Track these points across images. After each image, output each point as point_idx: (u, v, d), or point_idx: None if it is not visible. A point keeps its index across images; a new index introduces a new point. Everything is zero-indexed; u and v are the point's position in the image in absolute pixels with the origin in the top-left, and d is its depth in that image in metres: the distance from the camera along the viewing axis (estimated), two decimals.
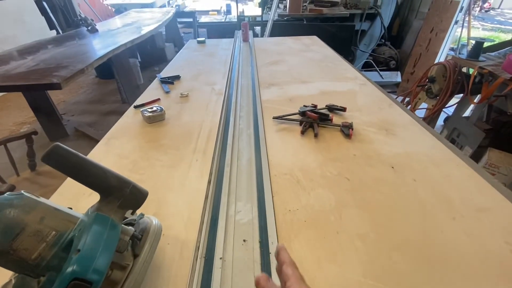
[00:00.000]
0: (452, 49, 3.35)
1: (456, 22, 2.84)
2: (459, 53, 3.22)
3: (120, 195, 0.32)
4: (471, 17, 3.11)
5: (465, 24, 3.12)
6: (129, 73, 2.97)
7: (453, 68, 1.78)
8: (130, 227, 0.36)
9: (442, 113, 2.18)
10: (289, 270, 0.27)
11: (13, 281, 0.32)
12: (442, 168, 0.66)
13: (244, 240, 0.49)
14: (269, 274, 0.43)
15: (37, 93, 2.15)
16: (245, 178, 0.65)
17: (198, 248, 0.47)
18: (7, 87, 1.48)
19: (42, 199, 0.32)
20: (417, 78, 2.39)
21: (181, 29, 5.09)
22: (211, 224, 0.52)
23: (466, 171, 0.65)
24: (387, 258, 0.46)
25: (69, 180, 0.66)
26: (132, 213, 0.35)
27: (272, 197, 0.59)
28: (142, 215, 0.40)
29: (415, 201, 0.57)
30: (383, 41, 3.48)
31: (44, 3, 3.99)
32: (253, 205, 0.57)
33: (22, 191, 0.31)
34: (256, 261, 0.45)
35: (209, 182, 0.63)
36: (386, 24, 3.33)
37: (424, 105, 2.16)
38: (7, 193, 0.30)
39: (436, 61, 2.87)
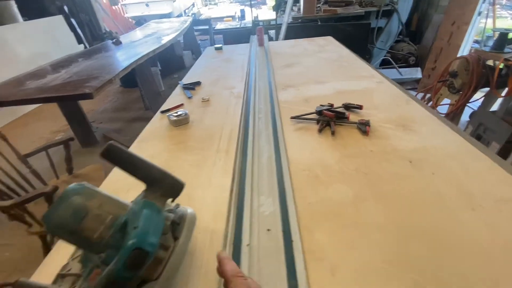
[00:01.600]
0: (476, 41, 3.21)
1: (480, 14, 2.73)
2: (485, 45, 3.08)
3: (162, 185, 0.38)
4: (498, 6, 2.97)
5: (491, 14, 2.98)
6: (151, 81, 3.12)
7: (476, 62, 1.72)
8: (170, 214, 0.41)
9: (467, 108, 2.10)
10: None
11: (77, 258, 0.39)
12: (461, 161, 0.67)
13: (268, 230, 0.53)
14: (291, 259, 0.47)
15: (70, 103, 2.33)
16: (266, 175, 0.69)
17: (226, 237, 0.52)
18: (47, 99, 1.64)
19: (98, 189, 0.38)
20: (439, 73, 2.33)
21: (197, 36, 5.27)
22: (237, 216, 0.57)
23: (486, 163, 0.66)
24: (404, 246, 0.48)
25: (107, 181, 0.74)
26: (172, 201, 0.40)
27: (293, 191, 0.62)
28: (178, 205, 0.45)
29: (433, 194, 0.59)
30: (401, 37, 3.41)
31: (72, 20, 4.30)
32: (275, 199, 0.61)
33: (84, 182, 0.37)
34: (280, 247, 0.49)
35: (232, 179, 0.68)
36: (404, 20, 3.26)
37: (446, 101, 2.10)
38: (73, 183, 0.37)
39: (459, 55, 2.77)
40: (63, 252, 0.52)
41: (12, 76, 2.15)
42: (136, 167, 0.37)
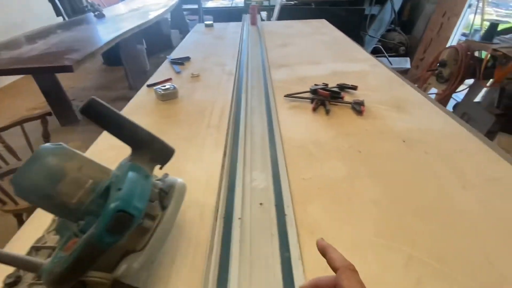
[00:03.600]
0: (464, 34, 3.26)
1: (470, 6, 2.76)
2: (472, 38, 3.14)
3: (150, 149, 0.34)
4: (485, 3, 3.00)
5: (478, 10, 3.02)
6: (136, 59, 2.97)
7: (465, 52, 1.74)
8: (158, 181, 0.38)
9: (451, 100, 2.15)
10: (345, 281, 0.23)
11: (53, 231, 0.35)
12: (453, 142, 0.67)
13: (261, 204, 0.51)
14: (285, 234, 0.45)
15: (48, 77, 2.17)
16: (259, 150, 0.66)
17: (218, 210, 0.50)
18: (21, 70, 1.51)
19: (78, 151, 0.34)
20: (427, 64, 2.35)
21: (186, 16, 5.03)
22: (229, 190, 0.54)
23: (478, 144, 0.66)
24: (398, 221, 0.48)
25: (90, 151, 0.69)
26: (161, 168, 0.37)
27: (286, 167, 0.60)
28: (166, 174, 0.42)
29: (426, 171, 0.58)
30: (393, 26, 3.40)
31: None
32: (268, 174, 0.59)
33: (61, 143, 0.33)
34: (273, 220, 0.47)
35: (224, 154, 0.65)
36: (397, 8, 3.24)
37: (433, 90, 2.13)
38: (48, 143, 0.32)
39: (447, 46, 2.80)
40: (37, 225, 0.48)
41: None
42: (122, 127, 0.33)
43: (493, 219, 0.48)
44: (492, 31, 1.61)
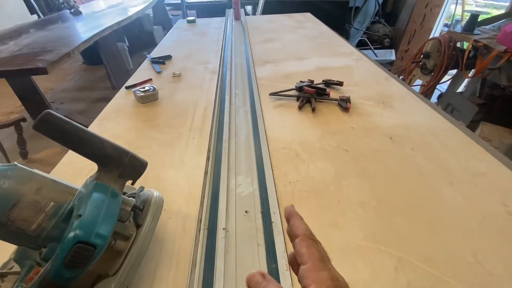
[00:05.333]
0: (446, 25, 3.31)
1: None
2: (453, 29, 3.19)
3: (119, 164, 0.31)
4: None
5: (459, 1, 3.06)
6: (118, 58, 2.87)
7: (448, 43, 1.76)
8: (131, 198, 0.35)
9: (436, 90, 2.18)
10: (304, 249, 0.21)
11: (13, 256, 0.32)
12: (439, 137, 0.67)
13: (246, 211, 0.49)
14: (272, 243, 0.43)
15: (23, 80, 2.06)
16: (244, 154, 0.64)
17: (201, 220, 0.47)
18: None
19: (37, 171, 0.31)
20: (411, 56, 2.37)
21: (169, 11, 4.89)
22: (213, 198, 0.52)
23: (463, 139, 0.66)
24: (386, 222, 0.47)
25: (64, 161, 0.65)
26: (133, 183, 0.34)
27: (272, 170, 0.58)
28: (142, 188, 0.39)
29: (413, 169, 0.58)
30: (378, 18, 3.42)
31: None
32: (253, 178, 0.57)
33: (16, 163, 0.30)
34: (259, 229, 0.45)
35: (207, 158, 0.63)
36: (381, 0, 3.25)
37: (418, 82, 2.16)
38: (0, 164, 0.29)
39: (430, 37, 2.84)
40: (4, 248, 0.44)
41: None
42: (84, 143, 0.30)
43: (478, 215, 0.48)
44: (473, 22, 1.63)
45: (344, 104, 0.79)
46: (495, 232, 0.45)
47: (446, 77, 1.99)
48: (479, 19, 1.79)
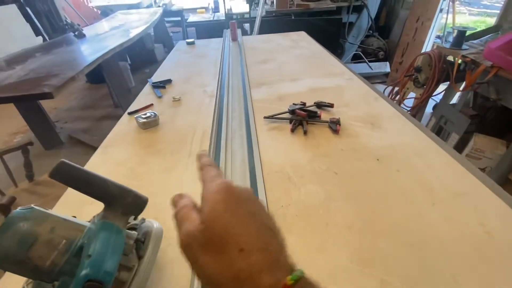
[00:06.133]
0: (438, 36, 3.40)
1: (441, 10, 2.89)
2: (445, 41, 3.27)
3: (122, 203, 0.35)
4: (457, 2, 3.15)
5: (451, 10, 3.16)
6: (120, 77, 2.96)
7: (438, 57, 1.83)
8: (133, 232, 0.39)
9: (431, 100, 2.23)
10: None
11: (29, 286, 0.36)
12: (423, 157, 0.70)
13: None
14: None
15: (28, 102, 2.14)
16: (239, 178, 0.68)
17: None
18: None
19: (50, 211, 0.35)
20: (406, 67, 2.44)
21: (169, 28, 5.05)
22: None
23: (445, 159, 0.70)
24: (372, 244, 0.50)
25: (70, 189, 0.69)
26: (135, 219, 0.38)
27: (265, 194, 0.62)
28: (143, 219, 0.43)
29: (398, 190, 0.61)
30: (371, 32, 3.52)
31: (28, 9, 3.93)
32: None
33: (32, 205, 0.34)
34: None
35: None
36: (373, 15, 3.36)
37: (412, 94, 2.21)
38: (19, 208, 0.33)
39: (423, 50, 2.92)
40: (16, 276, 0.47)
41: None
42: (92, 186, 0.34)
43: (458, 235, 0.51)
44: (461, 37, 1.70)
45: (334, 126, 0.83)
46: (472, 252, 0.48)
47: (441, 87, 2.04)
48: (467, 34, 1.86)
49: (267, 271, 0.19)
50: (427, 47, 2.96)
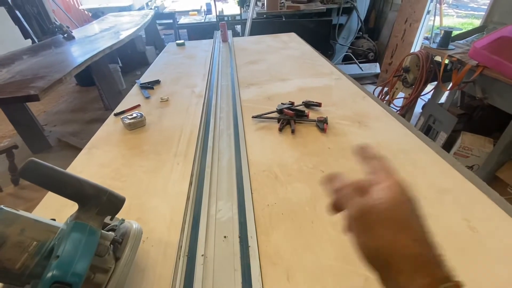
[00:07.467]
0: (426, 38, 3.46)
1: (429, 12, 2.94)
2: (433, 42, 3.34)
3: (97, 202, 0.34)
4: (445, 5, 3.22)
5: (438, 13, 3.23)
6: (110, 79, 2.92)
7: (426, 58, 1.86)
8: (110, 232, 0.38)
9: (420, 100, 2.26)
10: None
11: None
12: (410, 155, 0.71)
13: (225, 236, 0.51)
14: (248, 267, 0.46)
15: (15, 105, 2.09)
16: (226, 178, 0.67)
17: (181, 248, 0.50)
18: None
19: (21, 212, 0.34)
20: (395, 68, 2.47)
21: (161, 31, 5.04)
22: (193, 224, 0.54)
23: (431, 156, 0.70)
24: None
25: (51, 193, 0.67)
26: (111, 219, 0.37)
27: (252, 194, 0.62)
28: (122, 220, 0.42)
29: None
30: (361, 33, 3.56)
31: (17, 12, 3.86)
32: (233, 203, 0.60)
33: (2, 206, 0.33)
34: (236, 254, 0.48)
35: (190, 184, 0.66)
36: (363, 17, 3.40)
37: (401, 94, 2.24)
38: None
39: (411, 51, 2.97)
40: None
41: None
42: (65, 185, 0.33)
43: (442, 231, 0.51)
44: (447, 38, 1.73)
45: (322, 125, 0.83)
46: (456, 247, 0.48)
47: (429, 87, 2.07)
48: (453, 34, 1.90)
49: (434, 268, 0.22)
50: (415, 48, 3.01)
